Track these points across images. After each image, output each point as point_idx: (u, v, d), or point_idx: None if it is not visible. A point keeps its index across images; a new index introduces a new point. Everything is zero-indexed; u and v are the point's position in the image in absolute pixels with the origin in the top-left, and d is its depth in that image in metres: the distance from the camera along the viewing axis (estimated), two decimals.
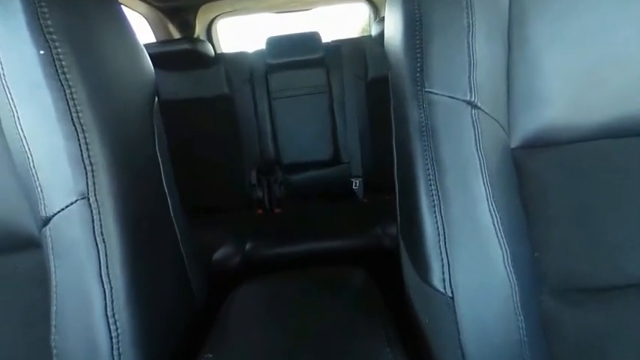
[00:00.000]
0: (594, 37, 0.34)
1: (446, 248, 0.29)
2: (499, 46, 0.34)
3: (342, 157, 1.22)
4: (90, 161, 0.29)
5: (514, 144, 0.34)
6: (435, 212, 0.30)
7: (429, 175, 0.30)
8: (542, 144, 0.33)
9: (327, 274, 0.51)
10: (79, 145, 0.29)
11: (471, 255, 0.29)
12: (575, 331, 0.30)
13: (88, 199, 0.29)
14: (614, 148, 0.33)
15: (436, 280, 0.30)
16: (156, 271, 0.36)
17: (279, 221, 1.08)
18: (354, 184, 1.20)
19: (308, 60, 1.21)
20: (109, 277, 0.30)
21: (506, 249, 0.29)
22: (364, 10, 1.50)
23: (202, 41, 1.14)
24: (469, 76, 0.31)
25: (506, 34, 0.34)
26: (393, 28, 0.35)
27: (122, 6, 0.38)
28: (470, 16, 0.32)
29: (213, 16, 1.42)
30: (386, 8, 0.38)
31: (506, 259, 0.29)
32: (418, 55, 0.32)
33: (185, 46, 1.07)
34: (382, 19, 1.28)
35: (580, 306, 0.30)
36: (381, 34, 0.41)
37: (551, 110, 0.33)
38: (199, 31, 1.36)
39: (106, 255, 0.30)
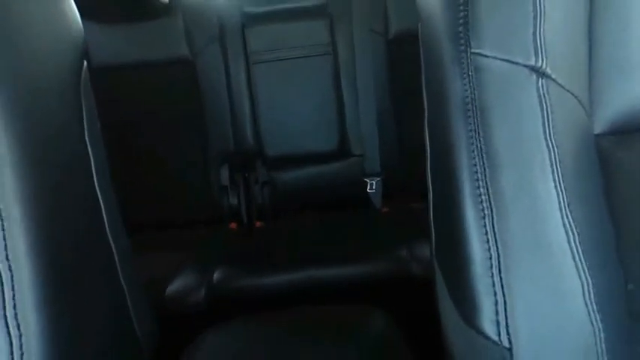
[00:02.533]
0: None
1: (501, 278, 0.30)
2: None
3: (351, 148, 1.22)
4: None
5: (599, 129, 0.34)
6: (485, 226, 0.30)
7: (477, 173, 0.31)
8: (636, 128, 0.34)
9: (328, 316, 0.52)
10: None
11: (538, 288, 0.29)
12: None
13: None
14: None
15: (487, 324, 0.30)
16: (84, 313, 0.36)
17: (261, 239, 1.08)
18: (368, 187, 1.20)
19: (303, 8, 1.22)
20: (16, 321, 0.30)
21: (587, 278, 0.29)
22: None
23: None
24: (534, 32, 0.31)
25: None
26: None
27: None
28: None
29: None
30: None
31: (587, 294, 0.29)
32: (460, 3, 0.32)
33: None
34: None
35: None
36: None
37: None
38: None
39: (12, 288, 0.30)
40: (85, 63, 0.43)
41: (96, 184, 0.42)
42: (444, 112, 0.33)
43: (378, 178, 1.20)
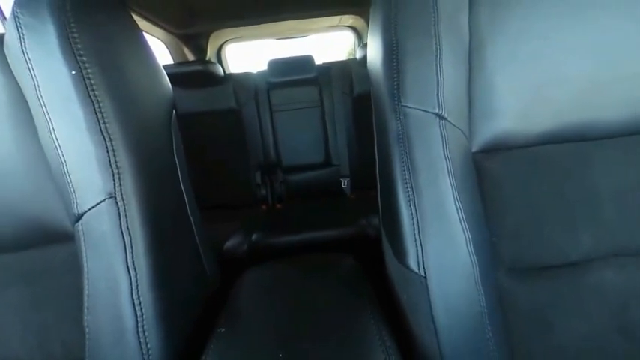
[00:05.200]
0: (540, 61, 0.34)
1: (420, 235, 0.29)
2: (462, 68, 0.35)
3: (332, 161, 1.22)
4: (116, 165, 0.29)
5: (474, 149, 0.34)
6: (410, 206, 0.30)
7: (405, 175, 0.31)
8: (497, 148, 0.34)
9: (321, 259, 0.51)
10: (107, 151, 0.28)
11: (440, 240, 0.29)
12: (525, 303, 0.31)
13: (115, 198, 0.29)
14: (556, 151, 0.33)
15: (412, 263, 0.30)
16: (175, 258, 0.36)
17: (280, 215, 1.08)
18: (342, 184, 1.21)
19: (303, 79, 1.21)
20: (134, 265, 0.29)
21: (468, 235, 0.29)
22: (350, 37, 1.50)
23: (213, 63, 1.13)
24: (437, 93, 0.31)
25: (467, 57, 0.35)
26: (375, 52, 0.35)
27: (144, 33, 0.37)
28: (437, 43, 0.32)
29: (222, 42, 1.41)
30: (368, 36, 0.38)
31: (468, 244, 0.29)
32: (395, 75, 0.32)
33: (198, 67, 1.06)
34: (365, 45, 1.28)
35: (529, 282, 0.31)
36: (365, 58, 0.41)
37: (504, 121, 0.34)
38: (210, 54, 1.34)
39: (131, 246, 0.29)
40: (174, 111, 0.42)
41: (180, 181, 0.41)
42: (386, 140, 0.33)
43: (348, 179, 1.21)
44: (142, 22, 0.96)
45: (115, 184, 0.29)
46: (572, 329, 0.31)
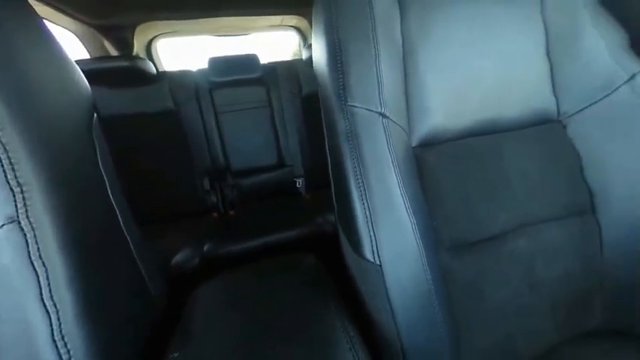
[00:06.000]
0: (459, 65, 0.40)
1: (373, 227, 0.31)
2: (398, 71, 0.38)
3: (285, 161, 1.20)
4: (17, 182, 0.23)
5: (414, 143, 0.38)
6: (362, 200, 0.31)
7: (356, 171, 0.32)
8: (432, 143, 0.38)
9: (280, 262, 0.50)
10: (2, 165, 0.23)
11: (391, 230, 0.31)
12: (462, 276, 0.35)
13: (19, 222, 0.23)
14: (476, 143, 0.39)
15: (368, 253, 0.31)
16: (108, 284, 0.31)
17: (234, 222, 1.02)
18: (297, 184, 1.20)
19: (249, 79, 1.17)
20: (52, 301, 0.24)
21: (414, 222, 0.31)
22: (294, 37, 1.51)
23: (142, 59, 1.01)
24: (379, 94, 0.34)
25: (402, 61, 0.38)
26: (319, 54, 0.36)
27: (46, 21, 0.31)
28: (376, 47, 0.34)
29: (152, 36, 1.26)
30: (312, 37, 0.38)
31: (414, 230, 0.31)
32: (340, 76, 0.33)
33: (124, 63, 0.93)
34: (310, 46, 1.30)
35: (463, 258, 0.36)
36: (311, 58, 0.42)
37: (435, 118, 0.38)
38: (138, 49, 1.19)
39: (47, 278, 0.24)
40: (95, 114, 0.36)
41: (110, 195, 0.36)
42: (336, 138, 0.34)
43: (302, 178, 1.21)
44: (41, 8, 0.80)
45: (17, 205, 0.23)
46: (496, 293, 0.36)
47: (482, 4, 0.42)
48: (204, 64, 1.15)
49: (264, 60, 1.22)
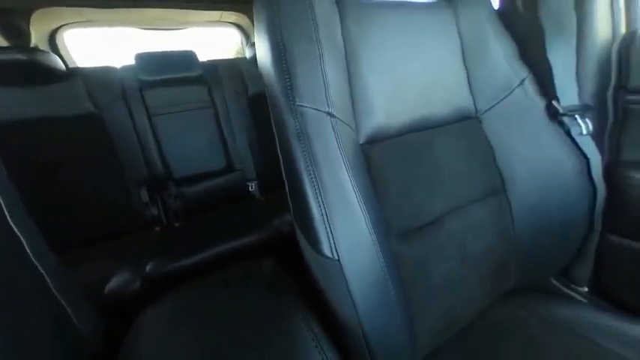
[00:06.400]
0: (395, 69, 0.44)
1: (329, 223, 0.32)
2: (342, 72, 0.40)
3: (235, 165, 1.14)
4: None
5: (361, 141, 0.40)
6: (317, 198, 0.32)
7: (310, 170, 0.32)
8: (376, 140, 0.41)
9: (235, 272, 0.48)
10: None
11: (346, 225, 0.33)
12: (410, 258, 0.39)
13: None
14: (413, 139, 0.44)
15: (326, 250, 0.32)
16: (17, 329, 0.25)
17: (180, 234, 0.92)
18: (250, 187, 1.16)
19: (187, 77, 1.07)
20: None
21: (366, 215, 0.33)
22: (236, 35, 1.44)
23: (44, 52, 0.84)
24: (325, 94, 0.35)
25: (345, 63, 0.40)
26: (264, 53, 0.36)
27: None
28: (319, 49, 0.35)
29: (58, 25, 1.06)
30: (255, 36, 0.37)
31: (367, 222, 0.33)
32: (287, 76, 0.33)
33: (19, 56, 0.76)
34: (253, 44, 1.26)
35: (410, 242, 0.40)
36: (255, 57, 0.41)
37: (378, 117, 0.41)
38: (37, 40, 0.98)
39: None
40: None
41: (10, 220, 0.29)
42: (287, 139, 0.34)
43: (255, 181, 1.17)
44: None
45: None
46: (439, 270, 0.41)
47: (410, 15, 0.46)
48: (127, 61, 1.02)
49: (202, 58, 1.14)
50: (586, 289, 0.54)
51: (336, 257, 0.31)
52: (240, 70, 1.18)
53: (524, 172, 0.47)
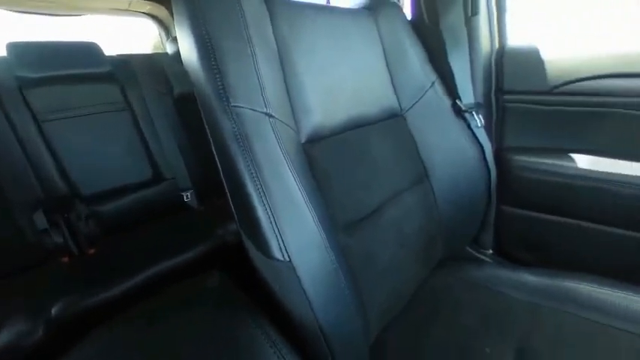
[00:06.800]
0: (328, 69, 0.46)
1: (277, 225, 0.31)
2: (277, 72, 0.39)
3: (164, 174, 1.00)
4: None
5: (302, 140, 0.41)
6: (262, 200, 0.31)
7: (252, 172, 0.31)
8: (317, 138, 0.42)
9: (176, 294, 0.43)
10: None
11: (294, 225, 0.33)
12: (356, 249, 0.42)
13: None
14: (351, 137, 0.47)
15: (276, 253, 0.31)
16: None
17: (98, 262, 0.76)
18: (185, 197, 1.04)
19: (89, 74, 0.89)
20: None
21: (313, 213, 0.34)
22: (151, 27, 1.28)
23: None
24: (262, 94, 0.34)
25: (279, 62, 0.40)
26: (188, 50, 0.33)
27: None
28: (251, 47, 0.35)
29: None
30: (176, 30, 0.34)
31: (314, 220, 0.34)
32: (217, 76, 0.31)
33: None
34: (175, 39, 1.14)
35: (355, 233, 0.42)
36: (179, 53, 0.37)
37: (316, 116, 0.43)
38: None
39: None
40: None
41: None
42: (223, 141, 0.32)
43: (191, 190, 1.05)
44: None
45: None
46: (382, 256, 0.45)
47: (338, 19, 0.49)
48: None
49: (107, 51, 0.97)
50: (491, 251, 0.67)
51: (287, 259, 0.31)
52: (161, 67, 1.05)
53: (440, 161, 0.56)
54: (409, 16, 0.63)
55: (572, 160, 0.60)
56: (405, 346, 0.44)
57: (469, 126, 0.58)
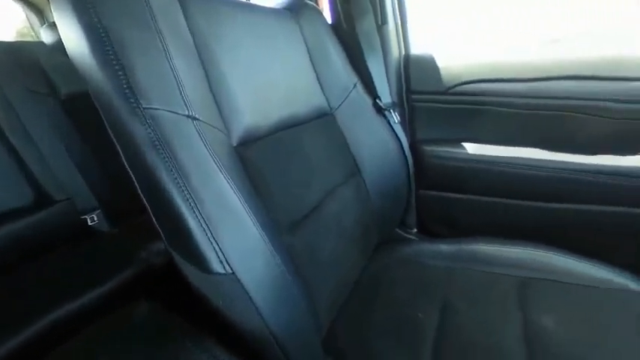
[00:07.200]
0: (256, 68, 0.45)
1: (214, 236, 0.29)
2: (197, 68, 0.36)
3: (53, 195, 0.79)
4: None
5: (234, 143, 0.39)
6: (194, 212, 0.28)
7: (178, 182, 0.28)
8: (250, 140, 0.41)
9: (92, 336, 0.36)
10: None
11: (234, 233, 0.31)
12: (300, 247, 0.42)
13: None
14: (285, 137, 0.47)
15: (216, 266, 0.29)
16: None
17: None
18: (89, 221, 0.85)
19: None
20: None
21: (253, 217, 0.33)
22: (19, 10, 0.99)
23: None
24: (181, 94, 0.31)
25: (198, 58, 0.37)
26: (76, 40, 0.27)
27: None
28: (162, 41, 0.31)
29: None
30: (54, 15, 0.28)
31: (255, 225, 0.33)
32: (120, 72, 0.27)
33: None
34: (54, 25, 0.91)
35: (299, 232, 0.43)
36: (60, 42, 0.30)
37: (247, 117, 0.41)
38: None
39: None
40: None
41: None
42: (137, 150, 0.28)
43: (98, 211, 0.87)
44: None
45: None
46: (326, 251, 0.47)
47: (260, 18, 0.48)
48: None
49: None
50: (415, 230, 0.78)
51: (230, 270, 0.29)
52: (35, 59, 0.82)
53: (367, 155, 0.61)
54: (329, 20, 0.67)
55: (464, 148, 0.74)
56: (353, 332, 0.47)
57: (389, 122, 0.66)
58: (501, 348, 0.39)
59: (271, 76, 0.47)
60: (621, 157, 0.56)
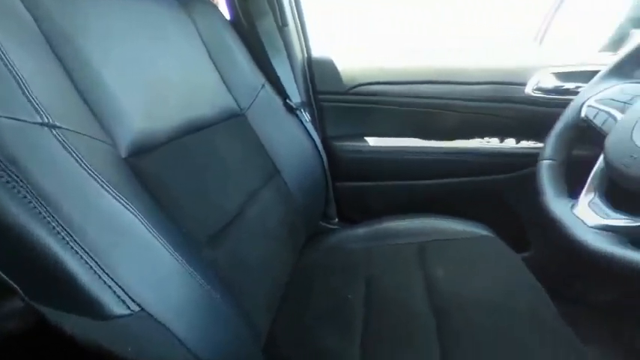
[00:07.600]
0: (143, 62, 0.38)
1: (107, 273, 0.23)
2: (49, 61, 0.28)
3: None
4: None
5: (124, 155, 0.32)
6: (72, 248, 0.22)
7: (39, 213, 0.21)
8: (144, 149, 0.34)
9: None
10: None
11: (134, 259, 0.26)
12: (225, 259, 0.39)
13: None
14: (192, 141, 0.42)
15: (116, 308, 0.23)
16: None
17: None
18: None
19: None
20: None
21: (160, 237, 0.28)
22: None
23: None
24: (25, 95, 0.23)
25: (50, 50, 0.29)
26: None
27: None
28: None
29: None
30: None
31: (164, 244, 0.28)
32: None
33: None
34: None
35: (221, 244, 0.39)
36: None
37: (137, 122, 0.34)
38: None
39: None
40: None
41: None
42: None
43: None
44: None
45: None
46: (254, 256, 0.45)
47: (141, 3, 0.41)
48: None
49: None
50: (337, 219, 0.85)
51: (137, 308, 0.24)
52: None
53: (284, 154, 0.62)
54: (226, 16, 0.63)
55: (367, 141, 0.85)
56: (292, 330, 0.47)
57: (301, 122, 0.69)
58: (411, 303, 0.48)
59: (164, 73, 0.41)
60: (468, 140, 0.78)
